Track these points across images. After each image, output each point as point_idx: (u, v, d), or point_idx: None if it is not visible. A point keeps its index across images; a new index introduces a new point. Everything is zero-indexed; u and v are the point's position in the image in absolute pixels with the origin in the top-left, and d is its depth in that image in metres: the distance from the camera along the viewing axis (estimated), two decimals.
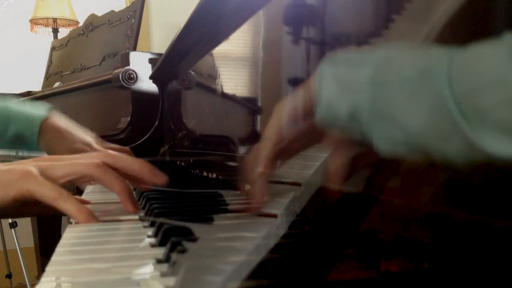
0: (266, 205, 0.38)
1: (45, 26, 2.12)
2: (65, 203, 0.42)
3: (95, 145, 0.73)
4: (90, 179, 0.47)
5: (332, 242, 0.31)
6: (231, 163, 0.60)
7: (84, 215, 0.42)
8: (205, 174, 0.73)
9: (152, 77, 1.05)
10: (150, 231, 0.39)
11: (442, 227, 0.23)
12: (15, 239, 1.74)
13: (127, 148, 0.73)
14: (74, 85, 1.33)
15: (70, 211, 0.42)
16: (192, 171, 0.82)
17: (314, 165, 0.38)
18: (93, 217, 0.42)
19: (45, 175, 0.43)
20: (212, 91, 0.67)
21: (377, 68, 0.23)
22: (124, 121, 1.07)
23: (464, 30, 0.21)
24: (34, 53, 2.37)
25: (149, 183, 0.47)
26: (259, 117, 0.52)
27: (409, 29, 0.26)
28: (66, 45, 1.75)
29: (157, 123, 1.06)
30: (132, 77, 1.06)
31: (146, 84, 1.08)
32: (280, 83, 0.45)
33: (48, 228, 1.73)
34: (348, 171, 0.30)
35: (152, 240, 0.36)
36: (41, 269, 1.75)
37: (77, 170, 0.45)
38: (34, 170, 0.43)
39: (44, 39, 2.21)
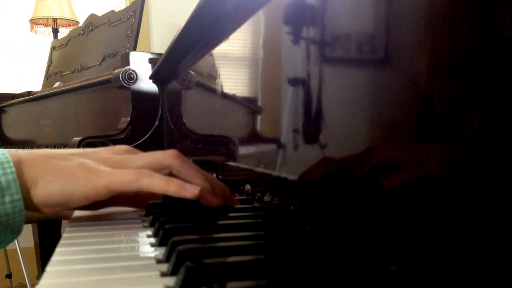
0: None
1: (45, 26, 2.12)
2: (151, 179, 0.37)
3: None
4: (168, 170, 0.41)
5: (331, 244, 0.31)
6: (231, 163, 0.60)
7: (175, 186, 0.37)
8: None
9: (152, 77, 1.05)
10: (150, 231, 0.39)
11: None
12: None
13: None
14: (74, 85, 1.33)
15: (160, 186, 0.37)
16: None
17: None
18: (185, 188, 0.37)
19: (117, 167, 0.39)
20: (212, 91, 0.67)
21: None
22: (124, 121, 1.07)
23: (465, 29, 0.21)
24: (34, 53, 2.37)
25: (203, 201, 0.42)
26: (259, 117, 0.52)
27: (409, 28, 0.26)
28: (66, 45, 1.76)
29: (157, 123, 1.06)
30: (132, 77, 1.06)
31: (146, 84, 1.08)
32: (280, 83, 0.45)
33: (48, 228, 1.73)
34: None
35: (152, 240, 0.36)
36: (41, 269, 1.75)
37: (154, 160, 0.40)
38: (103, 167, 0.38)
39: (44, 39, 2.21)
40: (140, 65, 1.08)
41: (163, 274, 0.27)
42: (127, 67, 1.06)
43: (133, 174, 0.37)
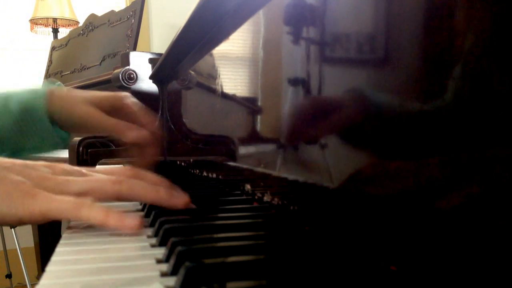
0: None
1: (45, 26, 2.12)
2: (89, 210, 0.35)
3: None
4: (115, 199, 0.40)
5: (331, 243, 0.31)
6: (231, 163, 0.60)
7: (115, 219, 0.36)
8: (205, 174, 0.73)
9: (152, 77, 1.05)
10: (150, 231, 0.39)
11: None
12: (15, 239, 1.74)
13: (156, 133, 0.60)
14: (74, 85, 1.33)
15: (98, 219, 0.36)
16: (192, 171, 0.82)
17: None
18: (125, 223, 0.36)
19: (56, 192, 0.37)
20: (212, 91, 0.67)
21: None
22: None
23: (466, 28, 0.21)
24: (34, 53, 2.37)
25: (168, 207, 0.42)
26: (259, 117, 0.52)
27: (409, 28, 0.26)
28: (66, 45, 1.76)
29: (157, 123, 1.06)
30: (132, 77, 1.06)
31: (146, 84, 1.08)
32: (280, 83, 0.45)
33: (48, 228, 1.73)
34: None
35: (152, 240, 0.36)
36: (41, 269, 1.75)
37: (98, 187, 0.39)
38: (42, 192, 0.36)
39: (44, 39, 2.21)
40: (140, 65, 1.08)
41: (163, 274, 0.27)
42: (127, 67, 1.06)
43: (72, 203, 0.36)
